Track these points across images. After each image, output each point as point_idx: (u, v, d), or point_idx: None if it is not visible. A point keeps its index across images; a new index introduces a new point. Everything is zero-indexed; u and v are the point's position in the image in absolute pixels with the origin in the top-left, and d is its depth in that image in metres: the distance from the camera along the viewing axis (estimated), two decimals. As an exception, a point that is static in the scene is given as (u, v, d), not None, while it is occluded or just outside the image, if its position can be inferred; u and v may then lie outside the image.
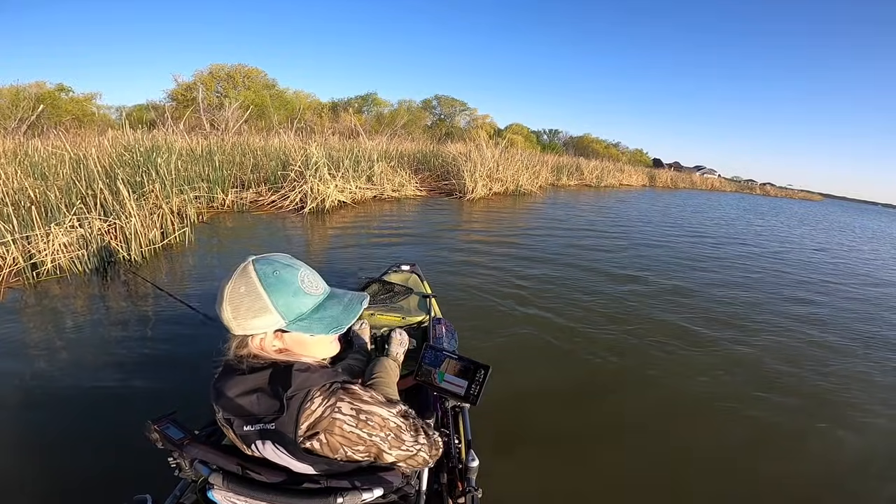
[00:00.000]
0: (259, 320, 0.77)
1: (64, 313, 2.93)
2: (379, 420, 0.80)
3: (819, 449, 2.25)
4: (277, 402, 0.75)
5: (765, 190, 47.45)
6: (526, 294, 3.92)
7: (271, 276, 0.78)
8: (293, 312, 0.79)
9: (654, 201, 15.98)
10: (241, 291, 0.76)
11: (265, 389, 0.77)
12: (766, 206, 23.83)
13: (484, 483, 1.13)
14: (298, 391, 0.75)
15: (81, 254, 3.58)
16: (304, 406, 0.75)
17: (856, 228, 16.52)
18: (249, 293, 0.76)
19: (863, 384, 2.91)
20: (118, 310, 3.03)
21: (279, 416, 0.74)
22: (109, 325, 2.80)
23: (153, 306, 3.08)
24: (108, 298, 3.22)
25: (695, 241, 7.77)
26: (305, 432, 0.75)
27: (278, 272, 0.79)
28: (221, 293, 0.78)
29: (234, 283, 0.77)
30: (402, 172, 9.70)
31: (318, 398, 0.76)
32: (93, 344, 2.57)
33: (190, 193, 5.39)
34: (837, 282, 5.87)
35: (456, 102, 30.39)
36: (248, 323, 0.77)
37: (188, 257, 4.20)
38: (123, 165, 4.96)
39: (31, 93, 16.09)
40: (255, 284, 0.76)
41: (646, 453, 2.05)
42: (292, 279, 0.80)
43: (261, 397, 0.76)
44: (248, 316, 0.76)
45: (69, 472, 1.66)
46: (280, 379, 0.77)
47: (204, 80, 19.48)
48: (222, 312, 0.78)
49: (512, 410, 2.20)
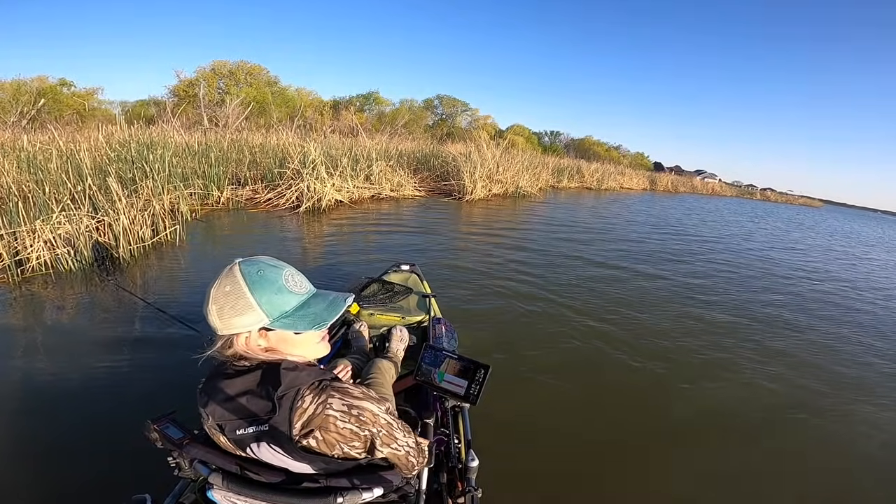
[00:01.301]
0: (242, 318, 0.78)
1: (48, 312, 2.87)
2: (370, 416, 0.81)
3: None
4: (268, 403, 0.74)
5: (765, 195, 47.15)
6: (526, 294, 3.91)
7: (255, 275, 0.80)
8: (277, 310, 0.80)
9: (652, 205, 15.88)
10: (225, 290, 0.78)
11: (254, 391, 0.76)
12: (784, 214, 23.44)
13: (484, 483, 1.12)
14: (289, 390, 0.75)
15: (68, 251, 3.51)
16: (295, 405, 0.75)
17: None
18: (233, 291, 0.78)
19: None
20: (104, 308, 2.97)
21: (272, 416, 0.74)
22: (96, 325, 2.74)
23: (140, 306, 3.00)
24: (95, 297, 3.16)
25: (697, 251, 7.70)
26: (300, 431, 0.75)
27: (262, 271, 0.81)
28: (207, 294, 0.80)
29: (219, 283, 0.79)
30: (401, 172, 9.64)
31: (308, 396, 0.76)
32: (81, 343, 2.51)
33: (184, 190, 5.33)
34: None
35: (458, 102, 30.35)
36: (232, 321, 0.78)
37: (177, 256, 4.13)
38: (116, 161, 4.90)
39: (33, 87, 16.06)
40: (239, 283, 0.78)
41: (647, 455, 2.03)
42: (275, 278, 0.82)
43: (251, 399, 0.76)
44: (231, 314, 0.78)
45: (69, 472, 1.63)
46: (269, 379, 0.77)
47: (206, 77, 19.43)
48: (208, 313, 0.79)
49: (512, 410, 2.19)
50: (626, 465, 1.97)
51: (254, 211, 6.46)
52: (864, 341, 3.88)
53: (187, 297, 3.21)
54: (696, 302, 4.35)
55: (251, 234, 5.29)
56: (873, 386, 3.03)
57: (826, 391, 2.87)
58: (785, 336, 3.75)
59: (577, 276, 4.76)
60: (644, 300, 4.20)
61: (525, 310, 3.57)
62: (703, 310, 4.12)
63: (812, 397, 2.77)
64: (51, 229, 3.49)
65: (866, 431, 2.47)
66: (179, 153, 5.91)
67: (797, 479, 2.04)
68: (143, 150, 4.99)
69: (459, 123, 29.45)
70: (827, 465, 2.16)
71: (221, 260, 3.77)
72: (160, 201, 4.56)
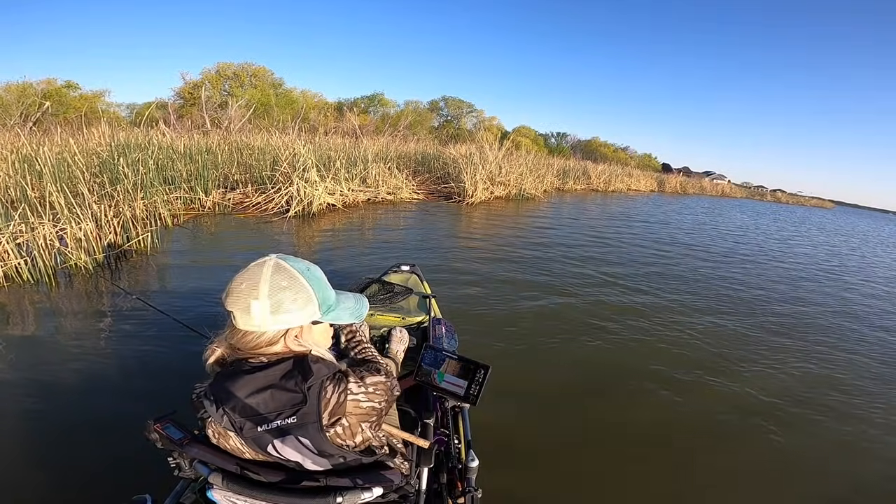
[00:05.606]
0: (303, 312, 0.80)
1: (7, 323, 2.71)
2: (382, 386, 0.87)
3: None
4: (297, 395, 0.75)
5: (776, 196, 45.85)
6: (526, 294, 3.89)
7: (307, 271, 0.83)
8: (325, 304, 0.85)
9: (657, 206, 15.41)
10: (283, 286, 0.78)
11: (278, 385, 0.75)
12: (816, 219, 22.48)
13: (484, 483, 1.12)
14: (316, 381, 0.77)
15: (25, 261, 3.27)
16: (321, 395, 0.76)
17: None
18: (292, 286, 0.79)
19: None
20: (75, 316, 2.84)
21: (300, 407, 0.75)
22: (96, 327, 2.67)
23: (113, 309, 2.89)
24: (62, 306, 3.00)
25: (705, 258, 7.29)
26: (328, 420, 0.77)
27: (310, 268, 0.84)
28: (254, 289, 0.76)
29: (272, 277, 0.77)
30: (399, 174, 9.36)
31: (329, 387, 0.78)
32: (54, 350, 2.43)
33: (164, 195, 5.09)
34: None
35: (463, 104, 30.04)
36: (291, 316, 0.79)
37: (145, 265, 3.86)
38: (86, 165, 4.64)
39: (39, 89, 16.13)
40: (297, 278, 0.80)
41: (648, 457, 2.01)
42: (321, 274, 0.87)
43: (275, 393, 0.75)
44: (292, 308, 0.78)
45: (69, 473, 1.62)
46: (298, 371, 0.77)
47: (211, 79, 19.42)
48: (256, 308, 0.76)
49: (512, 411, 2.18)
50: (627, 465, 1.95)
51: (242, 216, 6.21)
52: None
53: (172, 297, 3.12)
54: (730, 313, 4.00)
55: (230, 241, 5.01)
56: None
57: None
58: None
59: (577, 276, 4.67)
60: (648, 299, 4.09)
61: (525, 310, 3.54)
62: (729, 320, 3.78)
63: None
64: (7, 239, 3.25)
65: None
66: (161, 156, 5.66)
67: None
68: (114, 154, 4.73)
69: (465, 125, 29.13)
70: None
71: (193, 268, 3.37)
72: (132, 207, 4.31)
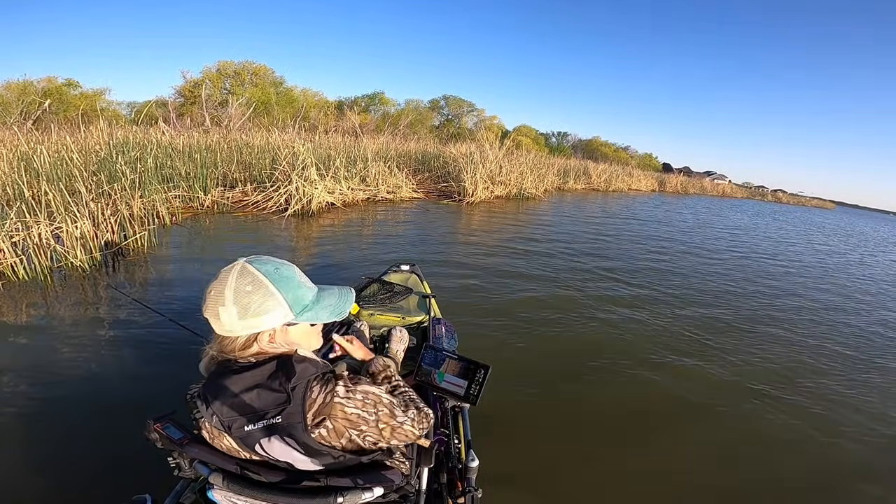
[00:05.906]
0: (270, 315, 0.78)
1: (2, 323, 2.68)
2: (374, 397, 0.83)
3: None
4: (281, 395, 0.74)
5: (776, 196, 45.59)
6: (526, 295, 3.87)
7: (275, 272, 0.80)
8: (299, 304, 0.82)
9: (659, 206, 15.37)
10: (247, 290, 0.77)
11: (264, 384, 0.75)
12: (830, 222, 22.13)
13: (484, 483, 1.11)
14: (300, 381, 0.76)
15: (21, 259, 3.25)
16: (306, 395, 0.76)
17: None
18: (257, 290, 0.77)
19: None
20: (71, 316, 2.81)
21: (285, 406, 0.74)
22: (66, 332, 2.61)
23: (109, 309, 2.87)
24: (58, 305, 2.96)
25: (712, 258, 7.26)
26: (313, 420, 0.76)
27: (279, 269, 0.82)
28: (220, 296, 0.76)
29: (236, 283, 0.76)
30: (399, 173, 9.33)
31: (316, 387, 0.77)
32: (49, 350, 2.40)
33: (163, 193, 5.06)
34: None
35: (464, 103, 29.98)
36: (258, 320, 0.78)
37: (142, 264, 3.84)
38: (85, 164, 4.62)
39: (39, 87, 16.09)
40: (262, 281, 0.78)
41: (648, 453, 2.02)
42: (291, 273, 0.84)
43: (261, 392, 0.75)
44: (258, 313, 0.77)
45: (69, 473, 1.61)
46: (282, 371, 0.77)
47: (212, 77, 19.36)
48: (224, 314, 0.76)
49: (512, 411, 2.17)
50: (627, 465, 1.94)
51: (240, 214, 6.19)
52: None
53: (172, 299, 3.09)
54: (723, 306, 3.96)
55: (228, 240, 4.99)
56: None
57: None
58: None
59: (578, 276, 4.67)
60: (651, 299, 4.08)
61: (525, 310, 3.51)
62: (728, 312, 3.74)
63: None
64: (3, 238, 3.23)
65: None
66: (160, 154, 5.63)
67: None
68: (113, 153, 4.70)
69: (465, 124, 29.07)
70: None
71: (190, 266, 3.36)
72: (129, 205, 4.28)
